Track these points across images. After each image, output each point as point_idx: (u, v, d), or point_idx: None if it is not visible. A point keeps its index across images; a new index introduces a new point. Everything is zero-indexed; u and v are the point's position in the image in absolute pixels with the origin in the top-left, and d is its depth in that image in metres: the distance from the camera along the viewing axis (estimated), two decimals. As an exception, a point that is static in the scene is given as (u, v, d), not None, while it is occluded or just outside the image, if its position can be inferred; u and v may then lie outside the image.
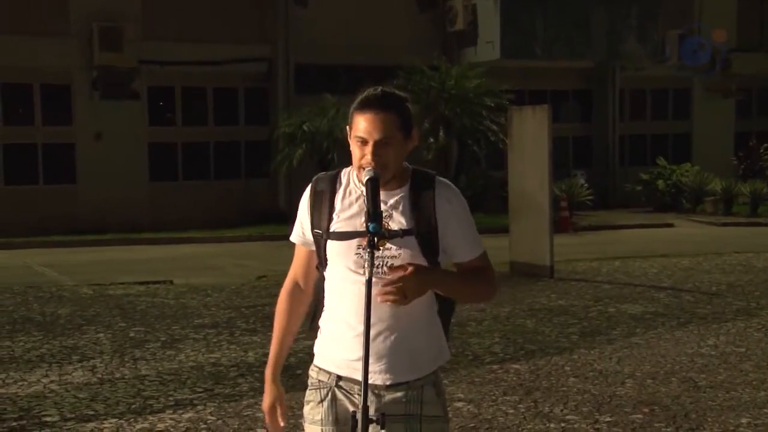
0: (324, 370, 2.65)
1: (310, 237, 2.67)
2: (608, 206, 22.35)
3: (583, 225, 18.83)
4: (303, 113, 18.78)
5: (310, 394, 2.67)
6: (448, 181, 2.65)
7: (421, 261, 2.55)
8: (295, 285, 2.79)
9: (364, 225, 2.50)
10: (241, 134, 20.74)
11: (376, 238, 2.44)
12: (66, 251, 15.61)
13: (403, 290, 2.46)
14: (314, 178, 2.69)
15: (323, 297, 2.68)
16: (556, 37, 21.15)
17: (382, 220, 2.46)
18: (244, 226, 17.65)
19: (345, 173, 2.65)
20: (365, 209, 2.50)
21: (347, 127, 2.61)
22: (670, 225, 19.30)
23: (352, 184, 2.61)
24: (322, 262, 2.64)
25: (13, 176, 18.87)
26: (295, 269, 2.79)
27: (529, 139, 11.32)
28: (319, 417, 2.63)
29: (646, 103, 24.91)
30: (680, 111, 25.11)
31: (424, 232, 2.55)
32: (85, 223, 18.21)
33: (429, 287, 2.55)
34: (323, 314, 2.68)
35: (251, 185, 20.22)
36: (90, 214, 18.55)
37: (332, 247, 2.59)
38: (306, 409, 2.68)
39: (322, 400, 2.63)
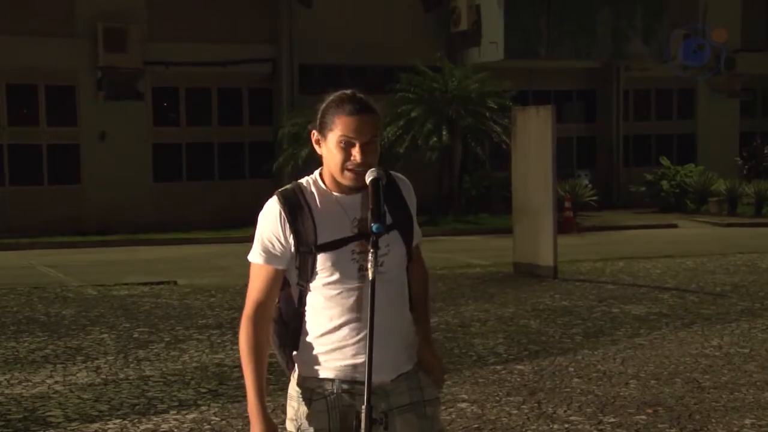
0: (326, 379, 2.61)
1: (279, 254, 2.59)
2: (612, 207, 22.34)
3: (587, 225, 18.81)
4: (307, 113, 18.79)
5: (316, 405, 2.61)
6: (399, 174, 2.74)
7: (404, 252, 2.66)
8: (262, 311, 2.63)
9: (353, 230, 2.55)
10: (245, 134, 20.76)
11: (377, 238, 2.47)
12: (70, 252, 15.64)
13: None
14: (279, 196, 2.60)
15: (305, 313, 2.63)
16: (560, 38, 21.13)
17: (385, 220, 2.48)
18: (249, 227, 17.56)
19: (309, 184, 2.63)
20: (347, 214, 2.56)
21: (314, 131, 2.61)
22: (674, 225, 19.28)
23: (325, 193, 2.60)
24: (307, 278, 2.58)
25: (18, 177, 18.91)
26: (259, 293, 2.62)
27: (533, 140, 11.32)
28: (325, 425, 2.60)
29: (650, 104, 24.89)
30: (685, 111, 25.08)
31: (403, 225, 2.64)
32: (89, 223, 18.24)
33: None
34: (312, 329, 2.62)
35: (255, 185, 20.22)
36: (94, 215, 18.58)
37: (324, 258, 2.56)
38: (308, 421, 2.62)
39: (329, 408, 2.61)
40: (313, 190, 2.61)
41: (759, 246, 14.42)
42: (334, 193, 2.60)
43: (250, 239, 2.74)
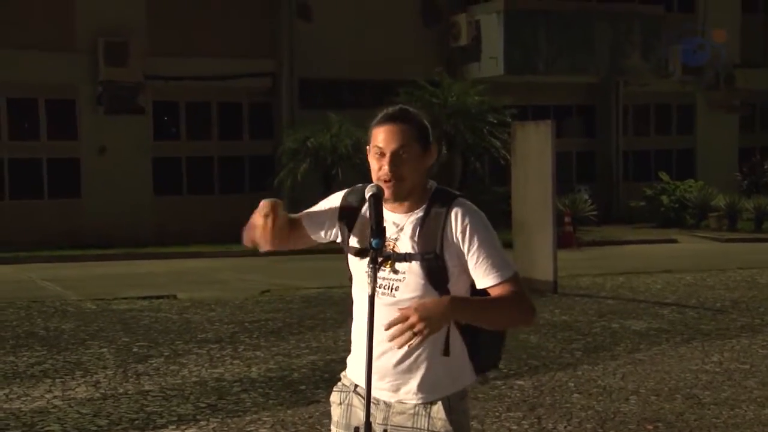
0: (346, 377, 2.76)
1: (318, 221, 2.71)
2: (612, 221, 22.33)
3: (587, 240, 18.81)
4: (307, 129, 18.84)
5: (334, 395, 2.77)
6: (467, 203, 2.58)
7: (428, 288, 2.53)
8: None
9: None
10: (245, 149, 20.78)
11: (379, 256, 2.48)
12: (70, 266, 15.62)
13: (416, 327, 2.35)
14: (348, 190, 2.70)
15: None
16: (560, 53, 21.20)
17: (385, 236, 2.48)
18: (248, 241, 17.63)
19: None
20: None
21: (367, 147, 2.64)
22: (674, 240, 19.27)
23: None
24: (348, 273, 2.70)
25: (18, 190, 18.91)
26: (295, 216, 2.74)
27: (533, 155, 11.33)
28: (336, 418, 2.74)
29: (649, 118, 24.93)
30: (684, 126, 25.13)
31: (428, 258, 2.52)
32: (89, 237, 18.23)
33: (447, 319, 2.44)
34: (352, 327, 2.76)
35: (255, 199, 20.14)
36: (94, 229, 18.57)
37: (351, 261, 2.66)
38: (331, 409, 2.79)
39: (341, 403, 2.73)
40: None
41: (759, 261, 14.42)
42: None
43: (250, 253, 2.80)
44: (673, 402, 6.06)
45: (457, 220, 2.53)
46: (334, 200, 2.71)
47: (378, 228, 2.46)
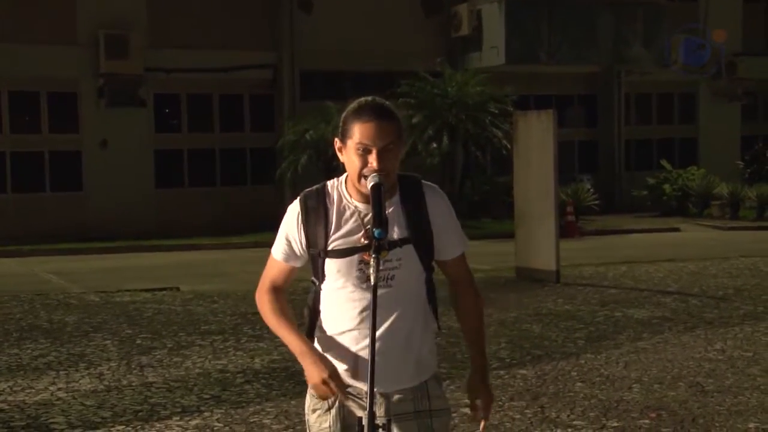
0: None
1: (298, 254, 2.67)
2: (614, 211, 22.33)
3: (589, 230, 18.81)
4: (308, 121, 18.83)
5: (316, 403, 2.68)
6: (432, 184, 2.71)
7: (419, 267, 2.61)
8: (275, 288, 2.74)
9: (362, 240, 2.56)
10: (247, 141, 20.79)
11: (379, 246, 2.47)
12: (73, 258, 15.64)
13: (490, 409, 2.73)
14: (302, 196, 2.67)
15: (319, 309, 2.68)
16: (561, 42, 21.15)
17: (388, 226, 2.48)
18: (251, 233, 17.65)
19: (332, 188, 2.65)
20: (362, 223, 2.56)
21: (337, 138, 2.62)
22: (677, 229, 19.27)
23: (345, 199, 2.62)
24: (319, 277, 2.65)
25: (21, 184, 18.94)
26: (274, 278, 2.74)
27: (535, 144, 11.32)
28: (327, 424, 2.66)
29: (651, 108, 24.90)
30: (686, 115, 25.10)
31: (420, 239, 2.61)
32: (91, 230, 18.26)
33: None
34: (322, 326, 2.69)
35: (257, 192, 20.24)
36: (96, 222, 18.60)
37: (331, 264, 2.60)
38: (312, 417, 2.69)
39: (329, 408, 2.65)
40: (335, 194, 2.63)
41: (761, 249, 14.41)
42: (354, 201, 2.61)
43: (252, 245, 2.79)
44: (677, 390, 6.06)
45: (434, 201, 2.66)
46: (293, 221, 2.66)
47: (380, 218, 2.46)
